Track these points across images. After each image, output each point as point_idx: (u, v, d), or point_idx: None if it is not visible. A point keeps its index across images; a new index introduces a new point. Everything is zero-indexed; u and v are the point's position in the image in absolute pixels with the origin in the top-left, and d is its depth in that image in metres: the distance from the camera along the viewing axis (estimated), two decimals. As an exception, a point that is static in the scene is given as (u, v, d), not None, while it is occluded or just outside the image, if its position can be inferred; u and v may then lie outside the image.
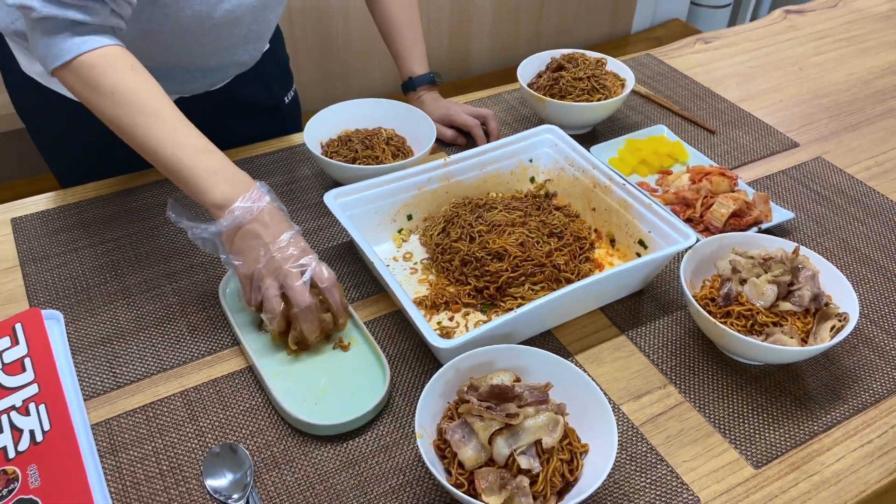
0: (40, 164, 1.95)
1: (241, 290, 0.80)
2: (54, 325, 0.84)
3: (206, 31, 0.91)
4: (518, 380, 0.71)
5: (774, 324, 0.78)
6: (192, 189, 0.78)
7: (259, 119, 1.18)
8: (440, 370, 0.71)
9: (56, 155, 1.12)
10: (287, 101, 1.23)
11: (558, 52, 1.22)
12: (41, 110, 1.05)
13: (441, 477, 0.64)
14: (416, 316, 0.77)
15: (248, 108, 1.16)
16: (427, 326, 0.76)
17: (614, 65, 1.21)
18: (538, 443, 0.65)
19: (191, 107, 1.06)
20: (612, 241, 0.97)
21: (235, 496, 0.69)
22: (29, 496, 0.67)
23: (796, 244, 0.83)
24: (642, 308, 0.90)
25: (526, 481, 0.64)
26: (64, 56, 0.77)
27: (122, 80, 0.77)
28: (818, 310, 0.80)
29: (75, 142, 1.08)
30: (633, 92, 1.31)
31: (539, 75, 1.21)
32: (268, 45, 1.11)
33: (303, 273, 0.77)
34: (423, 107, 1.17)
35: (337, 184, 0.98)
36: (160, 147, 0.77)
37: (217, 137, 1.14)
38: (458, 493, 0.63)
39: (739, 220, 0.97)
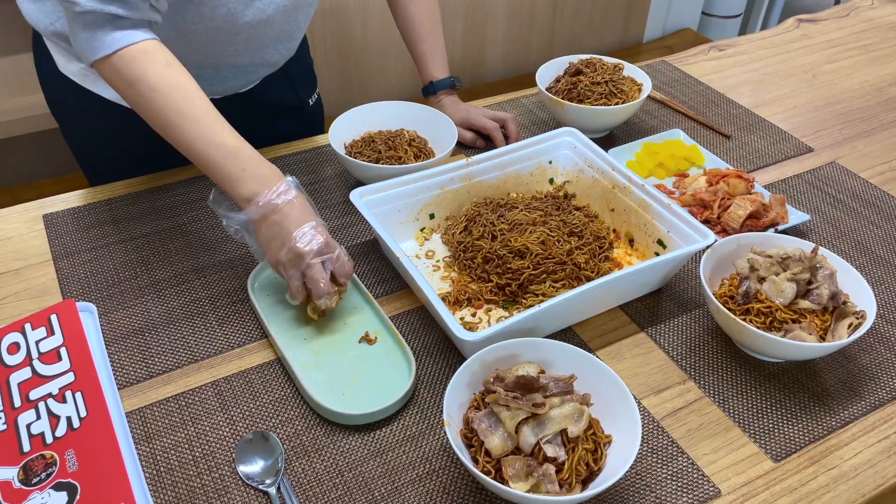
0: (65, 165, 1.99)
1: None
2: (88, 316, 0.87)
3: (238, 29, 0.94)
4: (543, 371, 0.73)
5: (793, 321, 0.80)
6: (222, 184, 0.83)
7: (285, 120, 1.21)
8: (467, 361, 0.73)
9: (88, 154, 1.15)
10: (311, 103, 1.26)
11: (576, 58, 1.25)
12: (76, 110, 1.08)
13: (469, 463, 0.66)
14: (442, 309, 0.79)
15: (275, 109, 1.19)
16: (453, 319, 0.78)
17: (631, 70, 1.23)
18: (563, 432, 0.67)
19: (220, 108, 1.09)
20: (631, 242, 0.99)
21: (267, 481, 0.70)
22: (67, 479, 0.69)
23: (815, 244, 0.85)
24: (661, 306, 0.92)
25: (552, 469, 0.65)
26: (104, 49, 0.80)
27: (160, 77, 0.80)
28: (836, 308, 0.81)
29: (108, 142, 1.10)
30: (649, 97, 1.33)
31: (557, 80, 1.24)
32: (296, 48, 1.14)
33: (324, 264, 0.81)
34: (444, 110, 1.20)
35: (360, 184, 1.00)
36: (193, 144, 0.82)
37: (244, 138, 1.18)
38: (487, 479, 0.64)
39: (756, 222, 0.99)
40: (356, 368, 0.82)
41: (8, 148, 1.91)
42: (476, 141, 1.19)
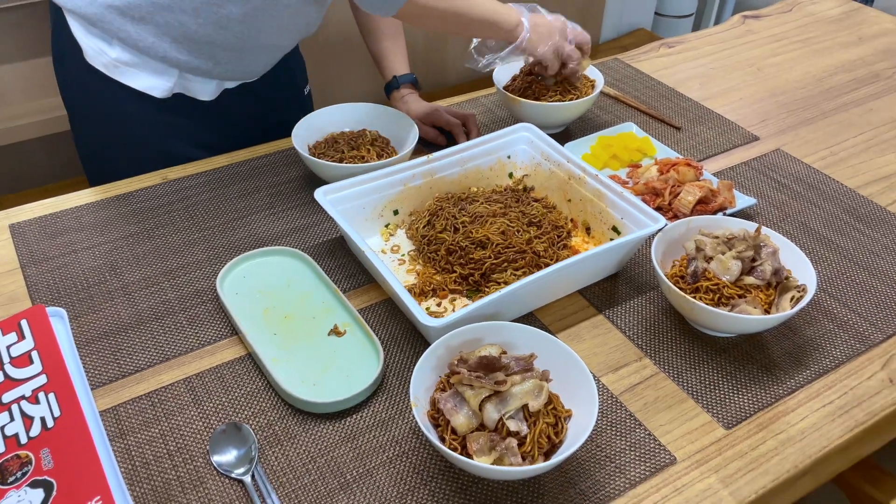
0: (29, 181, 1.97)
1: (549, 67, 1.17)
2: (58, 320, 0.88)
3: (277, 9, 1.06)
4: (504, 352, 0.76)
5: (739, 296, 0.84)
6: (502, 26, 1.10)
7: (285, 107, 1.28)
8: (432, 346, 0.76)
9: (94, 150, 1.18)
10: (306, 93, 1.34)
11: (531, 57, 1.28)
12: (97, 103, 1.11)
13: (436, 441, 0.68)
14: (407, 298, 0.82)
15: (277, 97, 1.26)
16: (418, 307, 0.81)
17: (584, 67, 1.28)
18: (525, 407, 0.70)
19: (230, 100, 1.17)
20: (588, 230, 1.03)
21: (241, 470, 0.73)
22: (43, 477, 0.70)
23: (758, 224, 0.90)
24: (618, 289, 0.96)
25: (514, 442, 0.69)
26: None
27: None
28: (779, 283, 0.86)
29: (124, 137, 1.14)
30: (603, 93, 1.38)
31: (514, 79, 1.28)
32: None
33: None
34: (407, 107, 1.23)
35: (325, 184, 1.03)
36: (484, 14, 1.09)
37: (251, 126, 1.24)
38: (454, 454, 0.67)
39: (705, 207, 1.04)
40: (326, 360, 0.84)
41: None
42: (438, 137, 1.22)
